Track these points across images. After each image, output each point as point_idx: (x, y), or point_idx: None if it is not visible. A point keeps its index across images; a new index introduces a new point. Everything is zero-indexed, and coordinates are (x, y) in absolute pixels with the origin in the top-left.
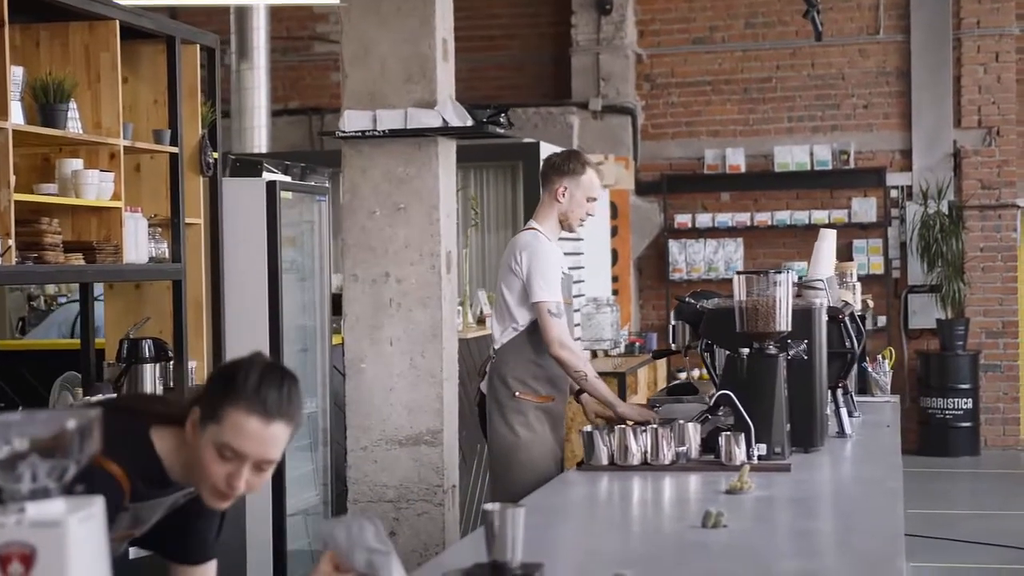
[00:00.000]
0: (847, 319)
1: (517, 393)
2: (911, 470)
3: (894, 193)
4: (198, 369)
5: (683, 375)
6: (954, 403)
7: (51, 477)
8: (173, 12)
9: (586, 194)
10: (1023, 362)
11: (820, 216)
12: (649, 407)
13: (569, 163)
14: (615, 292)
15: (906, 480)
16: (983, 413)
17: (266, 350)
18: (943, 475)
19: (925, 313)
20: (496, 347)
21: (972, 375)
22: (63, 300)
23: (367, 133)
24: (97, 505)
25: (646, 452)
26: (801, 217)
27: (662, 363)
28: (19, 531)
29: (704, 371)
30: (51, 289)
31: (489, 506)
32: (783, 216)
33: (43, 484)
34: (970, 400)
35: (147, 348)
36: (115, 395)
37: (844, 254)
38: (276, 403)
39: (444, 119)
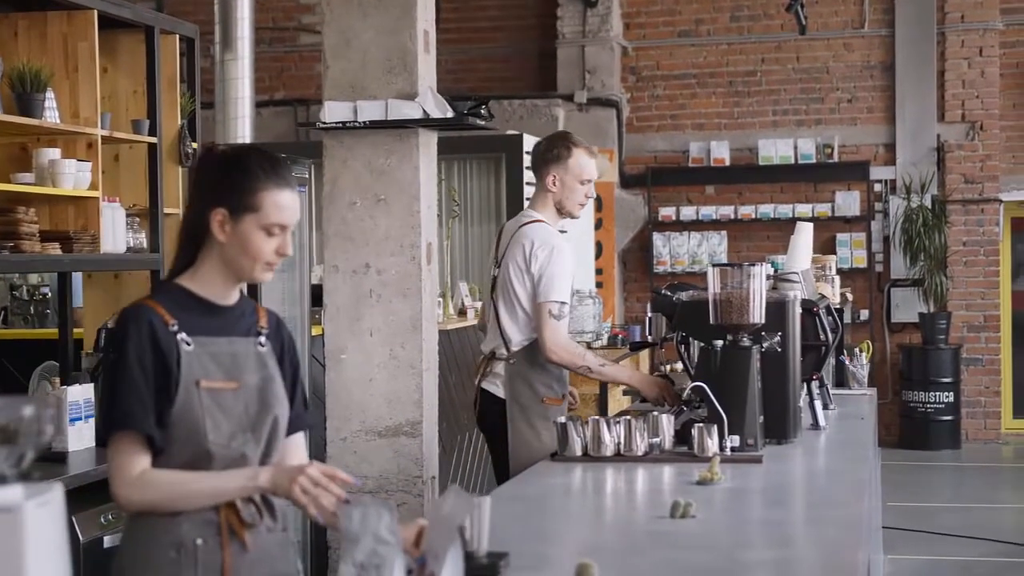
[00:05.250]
0: (822, 312)
1: (545, 399)
2: (892, 463)
3: (877, 187)
4: None
5: (667, 367)
6: (936, 396)
7: (7, 463)
8: (159, 2)
9: (577, 178)
10: (1005, 356)
11: (804, 209)
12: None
13: (553, 149)
14: (600, 284)
15: (887, 473)
16: (964, 407)
17: None
18: (924, 468)
19: (907, 307)
20: (513, 348)
21: (954, 369)
22: (46, 291)
23: (348, 124)
24: (55, 491)
25: (619, 443)
26: (785, 211)
27: (645, 355)
28: None
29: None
30: (34, 279)
31: None
32: (767, 209)
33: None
34: (952, 394)
35: None
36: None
37: (827, 247)
38: (288, 173)
39: (425, 110)
